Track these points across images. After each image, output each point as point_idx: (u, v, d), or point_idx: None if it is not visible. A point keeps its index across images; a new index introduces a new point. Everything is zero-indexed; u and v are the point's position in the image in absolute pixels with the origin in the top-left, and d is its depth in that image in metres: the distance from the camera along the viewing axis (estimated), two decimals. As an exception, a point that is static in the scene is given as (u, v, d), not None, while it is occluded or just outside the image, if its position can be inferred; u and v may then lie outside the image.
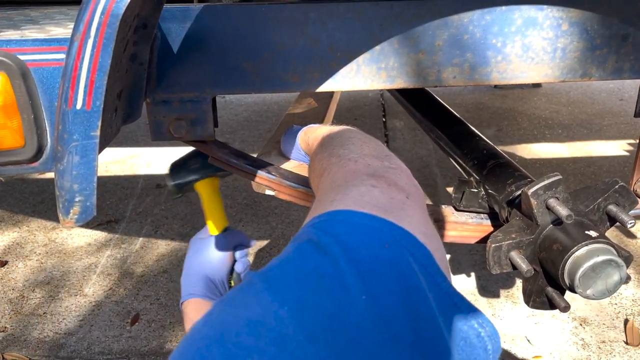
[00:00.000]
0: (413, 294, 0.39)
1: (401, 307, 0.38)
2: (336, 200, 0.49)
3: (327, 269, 0.39)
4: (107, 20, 0.59)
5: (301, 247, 0.43)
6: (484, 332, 0.42)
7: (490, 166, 1.22)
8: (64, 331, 1.81)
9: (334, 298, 0.38)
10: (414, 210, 0.49)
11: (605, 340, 1.70)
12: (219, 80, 1.07)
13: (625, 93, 4.34)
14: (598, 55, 1.08)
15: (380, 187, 0.51)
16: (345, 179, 0.54)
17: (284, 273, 0.40)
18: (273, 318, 0.36)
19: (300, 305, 0.37)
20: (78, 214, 0.66)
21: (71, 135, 0.63)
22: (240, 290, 0.40)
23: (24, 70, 0.72)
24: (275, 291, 0.38)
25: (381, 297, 0.38)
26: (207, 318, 0.39)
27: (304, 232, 0.45)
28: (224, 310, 0.39)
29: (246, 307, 0.38)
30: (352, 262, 0.40)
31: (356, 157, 0.60)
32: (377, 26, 1.04)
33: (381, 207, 0.47)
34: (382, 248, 0.42)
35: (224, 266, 1.18)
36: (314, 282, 0.39)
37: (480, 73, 1.08)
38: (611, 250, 0.88)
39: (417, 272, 0.41)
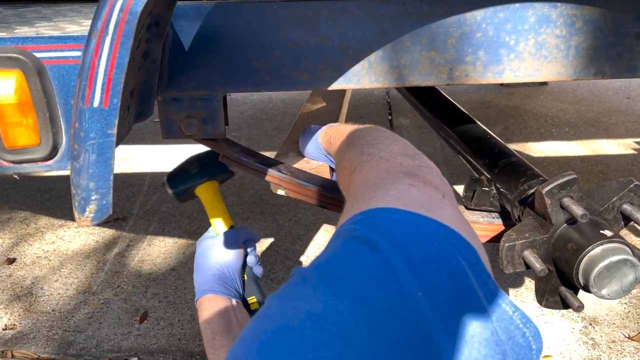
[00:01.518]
0: (465, 292, 0.40)
1: (454, 305, 0.39)
2: (375, 198, 0.49)
3: (379, 266, 0.40)
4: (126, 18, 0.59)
5: (349, 244, 0.43)
6: (529, 332, 0.42)
7: (502, 165, 1.21)
8: (72, 329, 1.81)
9: (391, 294, 0.38)
10: (451, 209, 0.49)
11: (615, 340, 1.69)
12: (229, 78, 1.07)
13: (633, 91, 4.32)
14: (612, 53, 1.07)
15: (417, 185, 0.51)
16: (380, 177, 0.54)
17: (337, 268, 0.41)
18: (334, 312, 0.36)
19: (359, 301, 0.37)
20: (94, 213, 0.66)
21: (88, 134, 0.62)
22: (295, 285, 0.41)
23: (40, 67, 0.72)
24: (332, 286, 0.39)
25: (436, 295, 0.39)
26: (265, 312, 0.39)
27: (347, 229, 0.45)
28: (282, 304, 0.39)
29: (305, 301, 0.38)
30: (404, 259, 0.40)
31: (388, 156, 0.60)
32: (389, 24, 1.04)
33: (422, 206, 0.47)
34: (431, 246, 0.42)
35: (237, 260, 1.17)
36: (368, 278, 0.39)
37: (492, 71, 1.08)
38: (626, 249, 0.87)
39: (467, 270, 0.41)
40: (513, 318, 0.42)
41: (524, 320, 0.42)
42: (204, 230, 2.42)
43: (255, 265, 1.21)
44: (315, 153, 1.06)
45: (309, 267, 0.42)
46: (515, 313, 0.42)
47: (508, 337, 0.41)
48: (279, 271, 2.09)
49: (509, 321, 0.41)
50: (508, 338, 0.40)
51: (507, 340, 0.40)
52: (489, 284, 0.42)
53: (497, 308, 0.41)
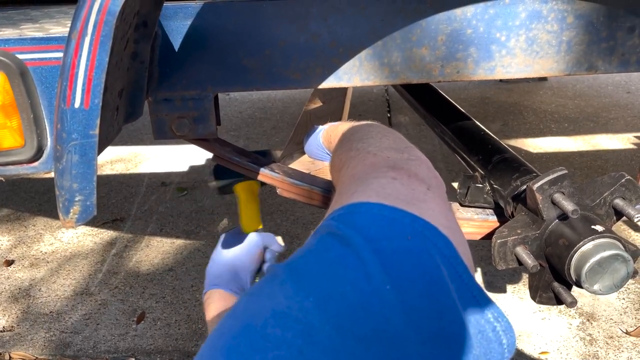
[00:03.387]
0: (436, 286, 0.39)
1: (424, 298, 0.38)
2: (357, 192, 0.49)
3: (350, 260, 0.39)
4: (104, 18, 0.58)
5: (323, 239, 0.43)
6: (500, 326, 0.41)
7: (495, 161, 1.21)
8: (70, 330, 1.81)
9: (358, 288, 0.38)
10: (435, 202, 0.49)
11: (612, 336, 1.69)
12: (220, 77, 1.07)
13: (632, 86, 4.30)
14: (604, 48, 1.07)
15: (401, 179, 0.51)
16: (365, 172, 0.54)
17: (307, 264, 0.41)
18: (298, 309, 0.36)
19: (325, 296, 0.37)
20: (78, 214, 0.66)
21: (70, 135, 0.62)
22: (265, 282, 0.41)
23: (23, 69, 0.71)
24: (298, 282, 0.38)
25: (404, 288, 0.38)
26: (234, 310, 0.39)
27: (325, 225, 0.45)
28: (249, 301, 0.39)
29: (271, 298, 0.38)
30: (374, 252, 0.40)
31: (375, 150, 0.60)
32: (379, 21, 1.03)
33: (402, 199, 0.46)
34: (404, 239, 0.42)
35: (253, 263, 1.17)
36: (337, 273, 0.39)
37: (484, 67, 1.07)
38: (618, 244, 0.87)
39: (439, 263, 0.41)
40: (484, 312, 0.41)
41: (496, 314, 0.42)
42: (201, 230, 2.43)
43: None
44: (319, 153, 1.05)
45: (280, 264, 0.42)
46: (487, 306, 0.42)
47: (477, 330, 0.40)
48: (276, 270, 2.09)
49: (479, 315, 0.41)
50: (477, 332, 0.40)
51: (476, 334, 0.40)
52: (464, 277, 0.42)
53: (469, 301, 0.41)
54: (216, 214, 2.52)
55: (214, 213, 2.53)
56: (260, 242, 1.19)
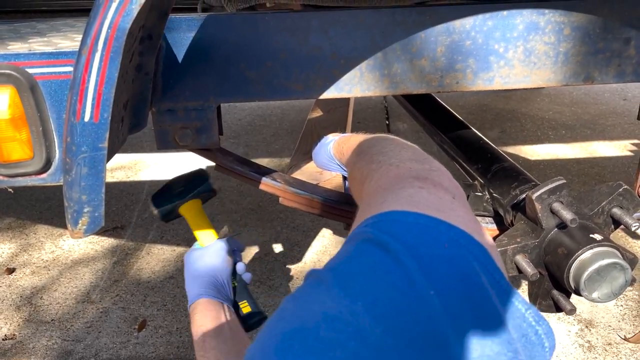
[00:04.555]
0: (476, 291, 0.40)
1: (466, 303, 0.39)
2: (387, 202, 0.50)
3: (391, 266, 0.41)
4: (114, 34, 0.60)
5: (361, 246, 0.44)
6: (541, 329, 0.42)
7: (495, 170, 1.22)
8: (72, 338, 1.82)
9: (403, 293, 0.39)
10: (462, 211, 0.50)
11: (611, 343, 1.70)
12: (223, 89, 1.08)
13: (629, 93, 4.33)
14: (600, 59, 1.09)
15: (427, 188, 0.52)
16: (390, 183, 0.55)
17: (351, 270, 0.42)
18: (349, 313, 0.37)
19: (372, 301, 0.38)
20: (87, 225, 0.67)
21: (79, 147, 0.64)
22: (310, 287, 0.42)
23: (33, 83, 0.73)
24: (345, 287, 0.40)
25: (447, 293, 0.39)
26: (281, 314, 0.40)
27: (359, 232, 0.46)
28: (298, 306, 0.40)
29: (320, 303, 0.39)
30: (414, 258, 0.41)
31: (397, 162, 0.61)
32: (379, 33, 1.05)
33: (432, 208, 0.47)
34: (441, 247, 0.43)
35: (227, 268, 1.18)
36: (380, 278, 0.40)
37: (483, 78, 1.09)
38: (616, 253, 0.88)
39: (478, 270, 0.42)
40: (525, 316, 0.42)
41: (537, 317, 0.42)
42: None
43: (244, 272, 1.23)
44: (329, 164, 1.07)
45: (323, 270, 0.43)
46: (527, 311, 0.42)
47: (520, 334, 0.41)
48: (276, 277, 2.10)
49: (521, 319, 0.42)
50: (520, 336, 0.41)
51: (520, 338, 0.41)
52: (502, 283, 0.42)
53: (510, 306, 0.42)
54: (216, 221, 2.53)
55: (214, 220, 2.54)
56: (226, 246, 1.21)
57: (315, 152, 1.12)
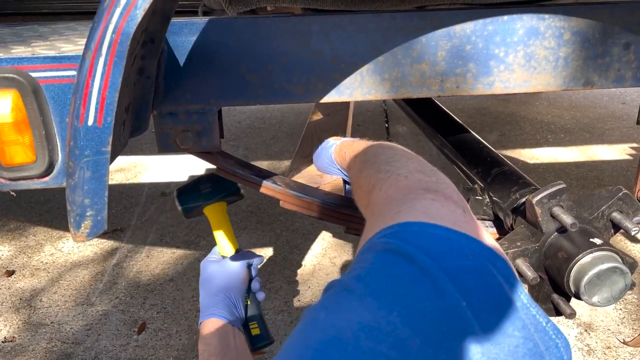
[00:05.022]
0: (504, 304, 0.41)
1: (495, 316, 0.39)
2: (401, 212, 0.49)
3: (419, 277, 0.41)
4: (119, 39, 0.60)
5: (383, 256, 0.43)
6: (560, 342, 0.42)
7: (495, 174, 1.23)
8: (71, 340, 1.82)
9: (436, 304, 0.39)
10: (474, 224, 0.50)
11: (610, 346, 1.70)
12: (224, 92, 1.09)
13: (628, 96, 4.34)
14: (600, 63, 1.09)
15: (439, 200, 0.52)
16: (402, 193, 0.55)
17: (379, 280, 0.41)
18: (386, 323, 0.37)
19: (407, 311, 0.38)
20: (89, 228, 0.67)
21: (82, 151, 0.64)
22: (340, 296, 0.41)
23: (36, 87, 0.73)
24: (378, 297, 0.39)
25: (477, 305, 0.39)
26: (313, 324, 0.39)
27: (377, 242, 0.46)
28: (331, 315, 0.40)
29: (354, 313, 0.39)
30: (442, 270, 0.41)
31: (405, 173, 0.61)
32: (380, 38, 1.06)
33: (448, 220, 0.47)
34: (465, 259, 0.43)
35: (242, 286, 1.22)
36: (411, 289, 0.40)
37: (483, 83, 1.09)
38: (616, 257, 0.89)
39: (502, 282, 0.42)
40: (546, 329, 0.42)
41: (555, 331, 0.43)
42: (201, 240, 2.44)
43: (258, 291, 1.25)
44: (329, 167, 1.07)
45: (348, 279, 0.42)
46: (547, 324, 0.42)
47: (546, 347, 0.41)
48: (276, 280, 2.10)
49: (543, 332, 0.42)
50: (546, 348, 0.41)
51: (546, 351, 0.41)
52: (523, 295, 0.43)
53: (533, 319, 0.42)
54: (216, 224, 2.53)
55: (213, 223, 2.54)
56: (244, 263, 1.24)
57: (316, 155, 1.13)
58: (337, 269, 2.17)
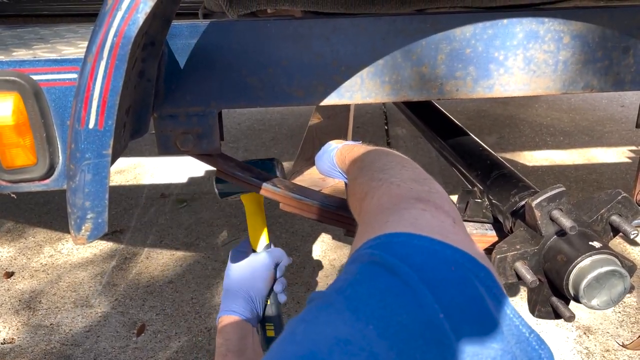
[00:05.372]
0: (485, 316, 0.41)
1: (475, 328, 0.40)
2: (389, 222, 0.50)
3: (400, 289, 0.41)
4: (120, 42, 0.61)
5: (368, 268, 0.44)
6: (544, 353, 0.42)
7: (494, 176, 1.23)
8: (70, 342, 1.82)
9: (414, 316, 0.39)
10: (463, 235, 0.50)
11: (609, 349, 1.70)
12: (224, 94, 1.09)
13: (627, 99, 4.35)
14: (599, 67, 1.09)
15: (430, 210, 0.52)
16: (392, 203, 0.55)
17: (359, 293, 0.42)
18: (361, 337, 0.37)
19: (384, 324, 0.38)
20: (90, 231, 0.67)
21: (83, 154, 0.64)
22: (319, 309, 0.42)
23: (37, 89, 0.73)
24: (356, 310, 0.40)
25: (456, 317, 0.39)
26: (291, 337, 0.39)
27: (364, 254, 0.46)
28: (308, 328, 0.40)
29: (331, 326, 0.39)
30: (422, 282, 0.41)
31: (398, 182, 0.61)
32: (380, 41, 1.06)
33: (436, 231, 0.47)
34: (448, 270, 0.43)
35: (267, 287, 1.22)
36: (390, 302, 0.40)
37: (483, 86, 1.09)
38: (615, 260, 0.89)
39: (484, 294, 0.42)
40: (529, 340, 0.42)
41: (539, 342, 0.42)
42: (201, 242, 2.44)
43: (281, 292, 1.26)
44: (331, 171, 1.08)
45: (329, 292, 0.42)
46: (531, 335, 0.42)
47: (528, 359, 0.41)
48: (276, 283, 2.10)
49: (526, 343, 0.42)
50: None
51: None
52: (506, 307, 0.43)
53: (515, 330, 0.42)
54: (216, 226, 2.53)
55: (213, 225, 2.54)
56: (272, 263, 1.24)
57: (317, 158, 1.13)
58: (337, 271, 2.17)
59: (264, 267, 1.23)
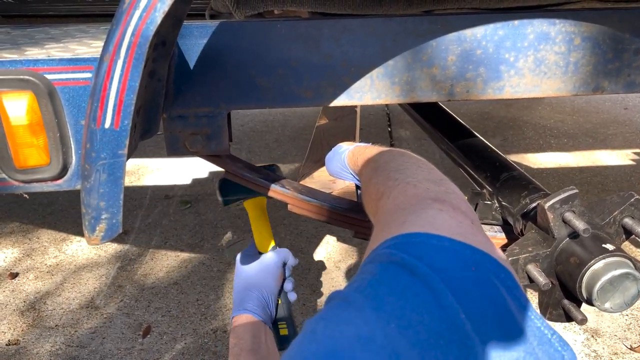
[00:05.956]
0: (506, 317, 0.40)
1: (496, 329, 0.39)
2: (408, 222, 0.49)
3: (420, 289, 0.40)
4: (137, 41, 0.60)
5: (387, 267, 0.43)
6: (567, 355, 0.42)
7: (504, 178, 1.22)
8: (76, 344, 1.81)
9: (435, 316, 0.39)
10: (481, 235, 0.50)
11: (617, 352, 1.70)
12: (233, 95, 1.09)
13: (630, 102, 4.35)
14: (610, 69, 1.09)
15: (447, 211, 0.52)
16: (409, 203, 0.55)
17: (380, 292, 0.41)
18: (383, 335, 0.37)
19: (405, 323, 0.38)
20: (104, 232, 0.67)
21: (99, 154, 0.64)
22: (339, 308, 0.41)
23: (51, 89, 0.73)
24: (377, 309, 0.39)
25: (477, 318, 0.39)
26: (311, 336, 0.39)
27: (382, 253, 0.46)
28: (329, 327, 0.39)
29: (352, 324, 0.39)
30: (444, 282, 0.41)
31: (414, 182, 0.61)
32: (390, 42, 1.06)
33: (454, 231, 0.47)
34: (468, 270, 0.42)
35: (277, 285, 1.23)
36: (411, 301, 0.40)
37: (493, 87, 1.09)
38: (628, 263, 0.88)
39: (505, 295, 0.42)
40: (552, 341, 0.42)
41: (561, 343, 0.42)
42: (206, 244, 2.43)
43: (290, 291, 1.26)
44: (342, 173, 1.07)
45: (349, 291, 0.42)
46: (553, 336, 0.42)
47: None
48: (281, 284, 2.09)
49: (548, 344, 0.41)
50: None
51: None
52: (527, 307, 0.42)
53: (537, 331, 0.41)
54: (220, 227, 2.53)
55: (217, 226, 2.54)
56: (280, 262, 1.24)
57: (328, 160, 1.13)
58: (342, 273, 2.17)
59: (274, 265, 1.23)
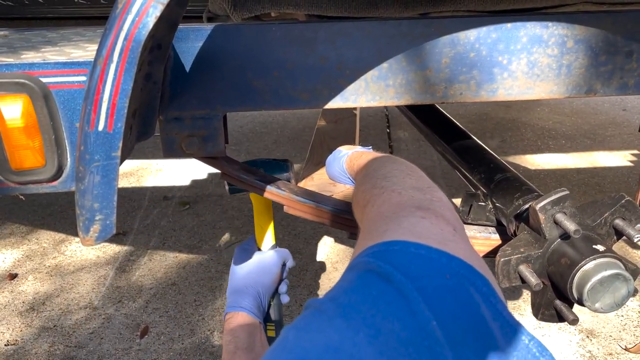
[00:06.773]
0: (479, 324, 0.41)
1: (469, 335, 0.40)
2: (389, 230, 0.50)
3: (393, 297, 0.41)
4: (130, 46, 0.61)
5: (363, 276, 0.44)
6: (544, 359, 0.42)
7: (498, 180, 1.23)
8: (74, 344, 1.82)
9: (405, 324, 0.39)
10: (463, 243, 0.51)
11: (612, 353, 1.71)
12: (229, 98, 1.09)
13: (629, 103, 4.36)
14: (603, 71, 1.10)
15: (429, 218, 0.52)
16: (392, 211, 0.56)
17: (352, 300, 0.42)
18: (351, 344, 0.37)
19: (374, 332, 0.38)
20: (98, 232, 0.68)
21: (93, 156, 0.65)
22: (311, 317, 0.42)
23: (46, 92, 0.74)
24: (347, 318, 0.40)
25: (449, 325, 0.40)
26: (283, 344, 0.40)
27: (361, 262, 0.46)
28: (299, 336, 0.40)
29: (322, 333, 0.39)
30: (416, 290, 0.41)
31: (400, 189, 0.62)
32: (385, 44, 1.06)
33: (434, 239, 0.48)
34: (442, 278, 0.43)
35: (273, 286, 1.23)
36: (382, 310, 0.40)
37: (486, 90, 1.10)
38: (619, 264, 0.89)
39: (479, 302, 0.42)
40: (529, 347, 0.42)
41: (540, 348, 0.43)
42: (204, 245, 2.44)
43: (284, 293, 1.26)
44: (341, 177, 1.09)
45: (323, 299, 0.43)
46: (531, 342, 0.42)
47: None
48: (278, 285, 2.10)
49: (525, 350, 0.42)
50: None
51: None
52: (504, 314, 0.43)
53: (513, 337, 0.42)
54: (218, 228, 2.54)
55: (216, 227, 2.55)
56: (280, 262, 1.24)
57: (328, 164, 1.14)
58: (339, 274, 2.17)
59: (273, 264, 1.23)
